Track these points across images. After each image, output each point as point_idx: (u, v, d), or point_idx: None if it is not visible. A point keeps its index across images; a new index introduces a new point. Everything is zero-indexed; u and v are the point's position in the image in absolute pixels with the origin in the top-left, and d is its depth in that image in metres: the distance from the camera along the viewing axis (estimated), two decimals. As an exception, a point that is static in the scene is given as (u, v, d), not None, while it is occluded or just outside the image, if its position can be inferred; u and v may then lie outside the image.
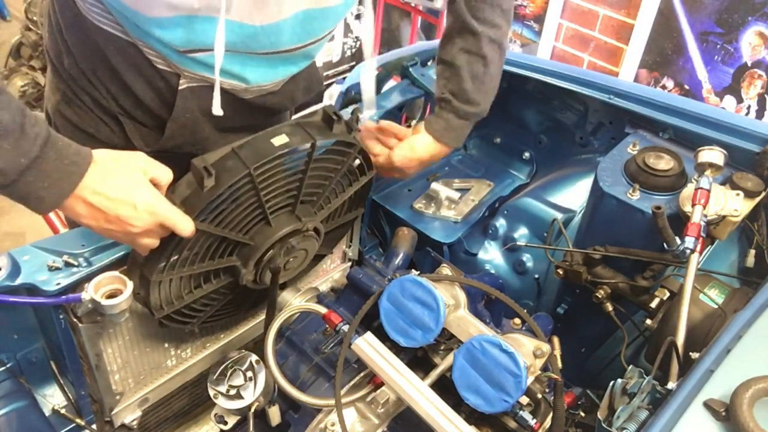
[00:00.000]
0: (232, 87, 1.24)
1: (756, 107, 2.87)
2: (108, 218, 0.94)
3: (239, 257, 1.19)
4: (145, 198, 0.96)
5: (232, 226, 1.13)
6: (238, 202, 1.11)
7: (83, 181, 0.90)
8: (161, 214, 0.97)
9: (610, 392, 1.05)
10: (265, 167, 1.08)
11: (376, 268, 1.28)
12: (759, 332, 1.03)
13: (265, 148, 1.09)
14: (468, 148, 2.19)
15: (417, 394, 0.98)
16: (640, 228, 1.39)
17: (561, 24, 3.39)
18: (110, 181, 0.93)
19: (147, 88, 1.23)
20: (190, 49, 1.15)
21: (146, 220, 0.96)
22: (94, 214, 0.94)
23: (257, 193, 1.11)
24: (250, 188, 1.10)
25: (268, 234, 1.18)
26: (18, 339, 1.24)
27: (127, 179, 0.95)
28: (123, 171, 0.95)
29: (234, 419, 1.19)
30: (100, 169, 0.92)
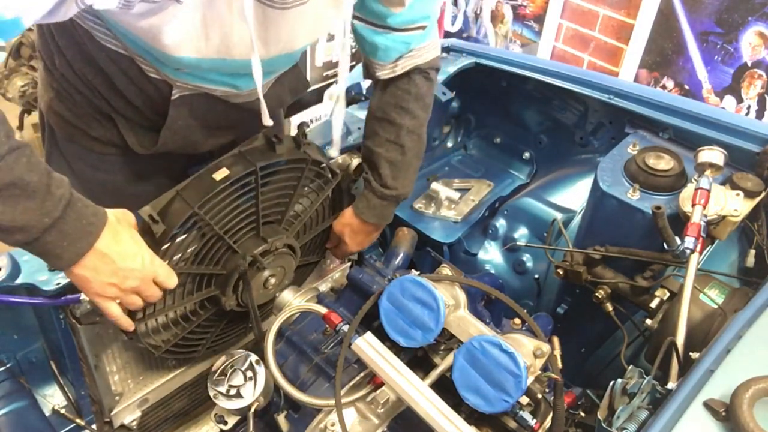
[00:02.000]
0: (224, 93, 1.25)
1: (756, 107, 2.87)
2: (115, 270, 0.98)
3: (217, 286, 1.24)
4: (146, 252, 1.03)
5: (200, 260, 1.18)
6: (198, 240, 1.16)
7: (100, 239, 0.95)
8: (157, 266, 1.05)
9: (610, 392, 1.05)
10: (210, 204, 1.13)
11: (376, 268, 1.28)
12: (759, 332, 1.03)
13: (208, 185, 1.13)
14: (468, 148, 2.19)
15: (417, 394, 0.98)
16: (640, 228, 1.39)
17: (561, 24, 3.38)
18: (121, 237, 0.99)
19: (138, 94, 1.24)
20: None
21: (147, 272, 1.03)
22: (104, 269, 0.97)
23: (212, 228, 1.16)
24: (203, 224, 1.15)
25: (237, 260, 1.22)
26: (18, 339, 1.24)
27: (131, 236, 1.02)
28: (126, 228, 1.01)
29: (234, 419, 1.19)
30: (111, 227, 0.97)
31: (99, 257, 0.96)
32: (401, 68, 1.36)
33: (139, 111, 1.27)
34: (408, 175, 1.44)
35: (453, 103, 2.05)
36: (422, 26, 1.32)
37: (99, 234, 0.95)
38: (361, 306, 1.11)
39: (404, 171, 1.42)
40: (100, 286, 0.99)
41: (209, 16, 1.01)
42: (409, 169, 1.43)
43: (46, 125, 1.38)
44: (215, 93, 1.24)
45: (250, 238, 1.24)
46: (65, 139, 1.35)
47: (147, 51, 1.13)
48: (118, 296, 1.02)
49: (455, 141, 2.17)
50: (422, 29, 1.32)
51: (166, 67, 1.17)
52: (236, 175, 1.15)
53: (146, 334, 1.19)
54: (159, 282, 1.06)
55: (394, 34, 1.30)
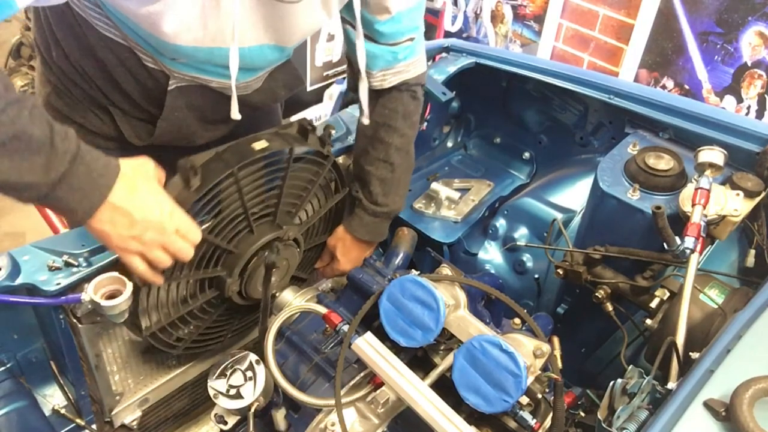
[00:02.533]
0: (219, 85, 1.25)
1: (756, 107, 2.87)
2: (132, 223, 0.96)
3: (224, 267, 1.23)
4: (167, 204, 1.01)
5: (217, 233, 1.17)
6: (223, 207, 1.16)
7: (112, 192, 0.93)
8: (179, 218, 1.02)
9: (610, 392, 1.05)
10: (247, 168, 1.15)
11: (376, 268, 1.28)
12: (759, 332, 1.03)
13: (247, 150, 1.15)
14: (468, 148, 2.19)
15: (417, 394, 0.98)
16: (640, 228, 1.39)
17: (561, 24, 3.38)
18: (137, 189, 0.97)
19: (136, 85, 1.25)
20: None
21: (167, 224, 1.00)
22: (121, 221, 0.96)
23: (241, 197, 1.16)
24: (234, 190, 1.15)
25: (252, 241, 1.23)
26: (18, 339, 1.24)
27: (150, 187, 1.00)
28: (144, 180, 1.00)
29: (234, 419, 1.19)
30: (126, 178, 0.96)
31: (114, 210, 0.94)
32: (389, 82, 1.39)
33: (136, 103, 1.28)
34: (398, 191, 1.47)
35: (453, 103, 2.05)
36: (410, 38, 1.34)
37: (111, 186, 0.93)
38: (361, 306, 1.11)
39: (394, 187, 1.46)
40: (120, 239, 0.97)
41: (208, 4, 1.02)
42: (399, 186, 1.47)
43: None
44: (211, 84, 1.25)
45: (266, 223, 1.26)
46: None
47: (145, 40, 1.14)
48: (141, 251, 1.00)
49: (455, 141, 2.17)
50: (410, 41, 1.35)
51: (163, 57, 1.17)
52: (273, 149, 1.18)
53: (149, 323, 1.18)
54: (182, 234, 1.03)
55: (382, 46, 1.32)
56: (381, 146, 1.42)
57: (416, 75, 1.42)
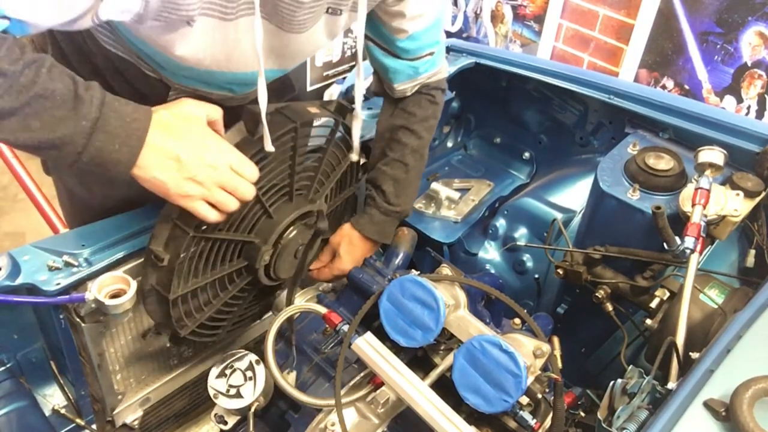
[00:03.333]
0: (220, 97, 1.26)
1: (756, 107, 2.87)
2: (181, 163, 0.94)
3: (258, 235, 1.20)
4: (212, 139, 0.98)
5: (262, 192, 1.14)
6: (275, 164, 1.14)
7: (149, 133, 0.91)
8: (229, 154, 0.99)
9: (610, 392, 1.05)
10: (306, 128, 1.15)
11: (376, 268, 1.28)
12: (759, 332, 1.03)
13: (305, 112, 1.15)
14: (468, 148, 2.19)
15: (417, 394, 0.98)
16: (640, 228, 1.39)
17: (561, 24, 3.38)
18: (175, 128, 0.95)
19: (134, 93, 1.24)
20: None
21: (219, 160, 0.97)
22: (169, 165, 0.94)
23: (294, 156, 1.16)
24: (290, 148, 1.14)
25: (290, 210, 1.21)
26: (18, 339, 1.24)
27: (190, 126, 0.97)
28: (182, 119, 0.97)
29: (234, 419, 1.19)
30: (162, 121, 0.94)
31: (157, 152, 0.92)
32: (411, 90, 1.42)
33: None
34: (409, 193, 1.49)
35: (453, 103, 2.05)
36: (430, 53, 1.37)
37: (147, 128, 0.91)
38: (361, 306, 1.11)
39: (406, 188, 1.47)
40: (175, 184, 0.95)
41: (218, 37, 1.03)
42: (410, 187, 1.48)
43: None
44: (211, 96, 1.25)
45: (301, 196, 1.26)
46: None
47: (151, 57, 1.14)
48: (202, 193, 0.98)
49: (455, 141, 2.17)
50: (431, 56, 1.37)
51: (166, 71, 1.17)
52: (326, 116, 1.20)
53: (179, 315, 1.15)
54: (238, 171, 1.00)
55: (403, 61, 1.34)
56: (398, 147, 1.43)
57: (437, 80, 1.44)
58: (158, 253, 1.05)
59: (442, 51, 1.43)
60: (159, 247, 1.05)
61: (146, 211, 1.28)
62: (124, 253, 1.19)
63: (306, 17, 1.10)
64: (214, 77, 1.15)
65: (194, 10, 0.96)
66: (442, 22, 1.38)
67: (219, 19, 1.00)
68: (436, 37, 1.36)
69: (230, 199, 1.01)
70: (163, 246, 1.06)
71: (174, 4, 0.93)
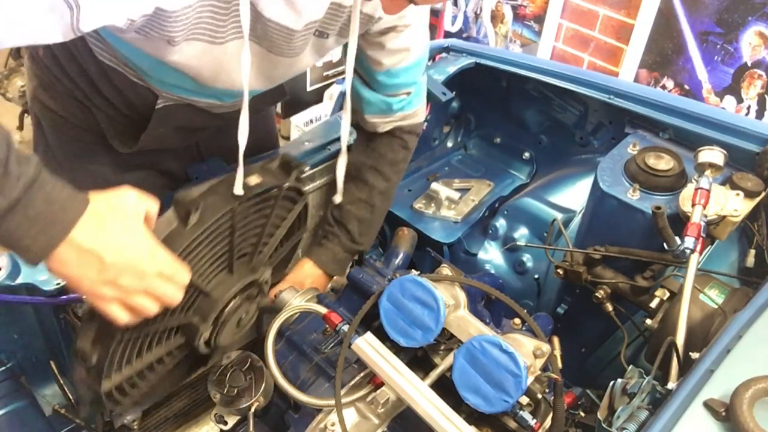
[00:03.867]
0: (207, 105, 1.27)
1: (756, 107, 2.87)
2: (103, 266, 0.83)
3: (197, 313, 1.12)
4: (145, 242, 0.87)
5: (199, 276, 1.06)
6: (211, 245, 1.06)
7: (76, 227, 0.80)
8: (161, 259, 0.89)
9: (610, 392, 1.05)
10: (244, 204, 1.07)
11: (376, 268, 1.28)
12: (759, 332, 1.03)
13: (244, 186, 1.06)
14: (468, 148, 2.19)
15: (417, 394, 0.98)
16: (640, 228, 1.39)
17: (561, 24, 3.38)
18: (108, 226, 0.83)
19: (122, 99, 1.25)
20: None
21: (147, 267, 0.87)
22: (89, 264, 0.82)
23: (232, 234, 1.08)
24: (227, 227, 1.06)
25: (230, 284, 1.13)
26: (18, 339, 1.24)
27: (125, 224, 0.86)
28: (119, 215, 0.86)
29: (234, 419, 1.19)
30: (96, 213, 0.82)
31: (77, 250, 0.80)
32: (382, 128, 1.40)
33: (120, 112, 1.28)
34: (372, 232, 1.49)
35: (453, 103, 2.05)
36: (407, 92, 1.35)
37: (75, 221, 0.79)
38: (361, 306, 1.11)
39: (370, 228, 1.47)
40: (91, 284, 0.84)
41: (206, 60, 1.02)
42: (374, 227, 1.49)
43: (32, 115, 1.39)
44: (198, 104, 1.25)
45: (243, 264, 1.19)
46: (51, 129, 1.37)
47: (136, 64, 1.14)
48: (119, 297, 0.86)
49: (455, 141, 2.17)
50: (407, 95, 1.35)
51: (152, 79, 1.18)
52: (266, 185, 1.10)
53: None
54: (167, 277, 0.89)
55: (377, 94, 1.33)
56: (365, 187, 1.43)
57: (411, 124, 1.43)
58: (85, 353, 0.96)
59: (421, 93, 1.41)
60: (86, 345, 0.96)
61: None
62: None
63: (297, 44, 1.09)
64: (201, 88, 1.14)
65: (179, 34, 0.93)
66: (424, 65, 1.35)
67: (208, 42, 0.99)
68: (415, 77, 1.34)
69: (151, 304, 0.90)
70: (91, 344, 0.96)
71: (158, 24, 0.90)
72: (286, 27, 1.03)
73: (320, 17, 1.06)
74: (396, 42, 1.23)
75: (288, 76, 1.24)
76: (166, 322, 1.05)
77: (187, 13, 0.90)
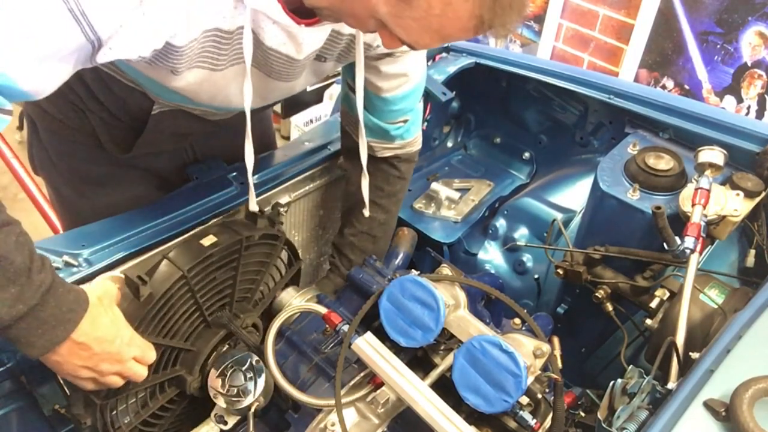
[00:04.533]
0: (203, 112, 1.27)
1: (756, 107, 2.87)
2: (90, 356, 0.93)
3: (183, 366, 1.20)
4: (126, 332, 0.99)
5: (173, 334, 1.15)
6: (176, 309, 1.13)
7: (78, 327, 0.90)
8: (135, 345, 1.00)
9: (610, 392, 1.05)
10: (198, 268, 1.12)
11: (376, 268, 1.28)
12: (759, 332, 1.03)
13: (196, 249, 1.13)
14: (468, 148, 2.19)
15: (417, 394, 0.98)
16: (640, 228, 1.39)
17: (561, 24, 3.38)
18: (100, 322, 0.94)
19: (117, 104, 1.25)
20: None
21: (124, 354, 0.98)
22: (78, 353, 0.92)
23: (194, 296, 1.14)
24: (186, 291, 1.13)
25: (209, 336, 1.21)
26: (18, 339, 1.23)
27: (111, 318, 0.97)
28: (107, 308, 0.97)
29: (234, 419, 1.19)
30: (91, 311, 0.92)
31: (75, 345, 0.91)
32: (379, 153, 1.40)
33: (115, 116, 1.28)
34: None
35: (453, 103, 2.05)
36: (404, 119, 1.36)
37: (78, 321, 0.89)
38: (361, 306, 1.11)
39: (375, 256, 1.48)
40: (73, 369, 0.94)
41: (206, 86, 1.05)
42: (379, 254, 1.49)
43: (27, 116, 1.39)
44: (194, 112, 1.26)
45: (223, 314, 1.24)
46: (45, 130, 1.37)
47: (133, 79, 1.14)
48: (94, 377, 0.97)
49: (455, 141, 2.17)
50: (404, 122, 1.36)
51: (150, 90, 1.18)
52: (223, 243, 1.16)
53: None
54: (138, 359, 1.02)
55: (375, 119, 1.33)
56: (365, 219, 1.44)
57: (409, 153, 1.44)
58: (80, 417, 1.09)
59: (418, 121, 1.41)
60: (80, 410, 1.08)
61: (146, 211, 1.28)
62: (124, 253, 1.19)
63: (297, 71, 1.12)
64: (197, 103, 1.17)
65: (183, 65, 0.96)
66: (421, 92, 1.36)
67: (209, 69, 1.01)
68: (413, 104, 1.35)
69: (119, 381, 1.02)
70: (83, 409, 1.09)
71: (165, 57, 0.93)
72: (287, 56, 1.05)
73: (320, 46, 1.08)
74: (394, 67, 1.25)
75: (283, 96, 1.26)
76: (152, 381, 1.14)
77: (192, 46, 0.93)
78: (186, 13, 0.88)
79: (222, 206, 1.34)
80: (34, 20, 0.76)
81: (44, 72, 0.81)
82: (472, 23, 0.83)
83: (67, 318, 0.88)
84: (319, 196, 1.63)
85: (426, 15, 0.82)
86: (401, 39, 0.87)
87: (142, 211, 1.28)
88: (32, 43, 0.77)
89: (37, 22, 0.77)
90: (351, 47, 1.14)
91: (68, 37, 0.79)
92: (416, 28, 0.85)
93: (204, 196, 1.34)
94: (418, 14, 0.82)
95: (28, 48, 0.77)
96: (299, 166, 1.54)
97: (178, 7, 0.86)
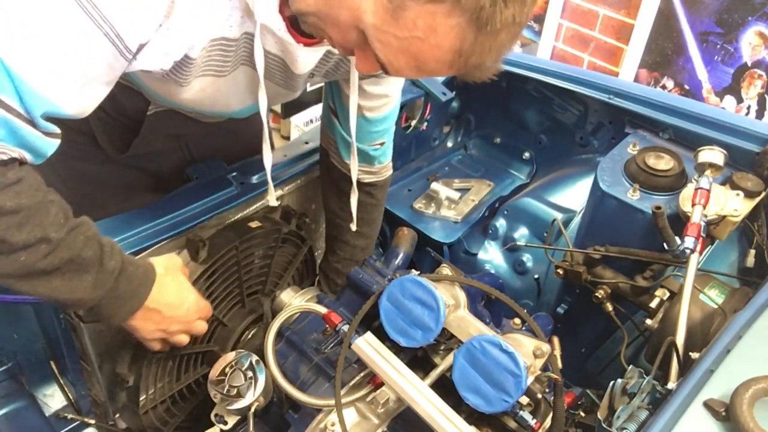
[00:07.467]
0: (196, 115, 1.28)
1: (756, 107, 2.87)
2: (162, 319, 1.07)
3: (216, 342, 1.31)
4: (191, 295, 1.13)
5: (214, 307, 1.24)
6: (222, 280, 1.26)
7: (149, 297, 1.03)
8: (200, 306, 1.14)
9: (610, 392, 1.05)
10: (245, 245, 1.27)
11: (376, 268, 1.28)
12: (759, 332, 1.03)
13: (245, 229, 1.28)
14: (468, 148, 2.19)
15: (417, 394, 0.98)
16: (640, 228, 1.39)
17: (561, 24, 3.39)
18: (168, 289, 1.07)
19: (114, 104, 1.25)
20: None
21: (191, 316, 1.12)
22: (150, 318, 1.06)
23: (239, 270, 1.28)
24: (233, 264, 1.27)
25: (243, 315, 1.33)
26: (18, 339, 1.24)
27: (177, 285, 1.10)
28: (173, 276, 1.10)
29: (234, 419, 1.19)
30: (159, 280, 1.04)
31: (148, 312, 1.04)
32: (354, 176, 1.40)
33: (111, 116, 1.28)
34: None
35: (453, 103, 2.05)
36: (381, 142, 1.39)
37: (148, 292, 1.02)
38: (361, 306, 1.11)
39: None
40: (148, 332, 1.07)
41: (210, 92, 1.07)
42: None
43: None
44: (190, 114, 1.27)
45: (255, 299, 1.37)
46: None
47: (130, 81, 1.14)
48: (165, 338, 1.11)
49: (455, 141, 2.17)
50: (381, 145, 1.40)
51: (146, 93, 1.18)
52: (267, 228, 1.32)
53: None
54: (203, 318, 1.15)
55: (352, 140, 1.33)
56: (347, 247, 1.53)
57: (384, 179, 1.48)
58: (124, 375, 1.19)
59: (391, 144, 1.44)
60: (124, 369, 1.19)
61: (146, 211, 1.28)
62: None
63: (299, 83, 1.18)
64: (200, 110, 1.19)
65: (191, 75, 0.99)
66: (396, 116, 1.39)
67: (214, 76, 1.03)
68: (389, 126, 1.38)
69: (185, 338, 1.15)
70: (127, 368, 1.19)
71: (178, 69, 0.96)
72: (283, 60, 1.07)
73: (313, 67, 1.12)
74: (378, 88, 1.27)
75: (277, 103, 1.30)
76: (191, 349, 1.25)
77: (202, 55, 0.96)
78: (200, 25, 0.91)
79: (222, 206, 1.34)
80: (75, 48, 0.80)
81: (87, 95, 0.87)
82: (449, 56, 0.84)
83: (139, 291, 1.01)
84: (310, 190, 1.64)
85: (409, 36, 0.82)
86: (377, 56, 0.87)
87: (142, 211, 1.28)
88: (75, 70, 0.82)
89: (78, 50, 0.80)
90: (339, 66, 1.18)
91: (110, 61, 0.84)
92: (395, 47, 0.84)
93: (204, 196, 1.35)
94: (401, 33, 0.82)
95: (72, 75, 0.82)
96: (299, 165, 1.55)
97: (196, 20, 0.89)
